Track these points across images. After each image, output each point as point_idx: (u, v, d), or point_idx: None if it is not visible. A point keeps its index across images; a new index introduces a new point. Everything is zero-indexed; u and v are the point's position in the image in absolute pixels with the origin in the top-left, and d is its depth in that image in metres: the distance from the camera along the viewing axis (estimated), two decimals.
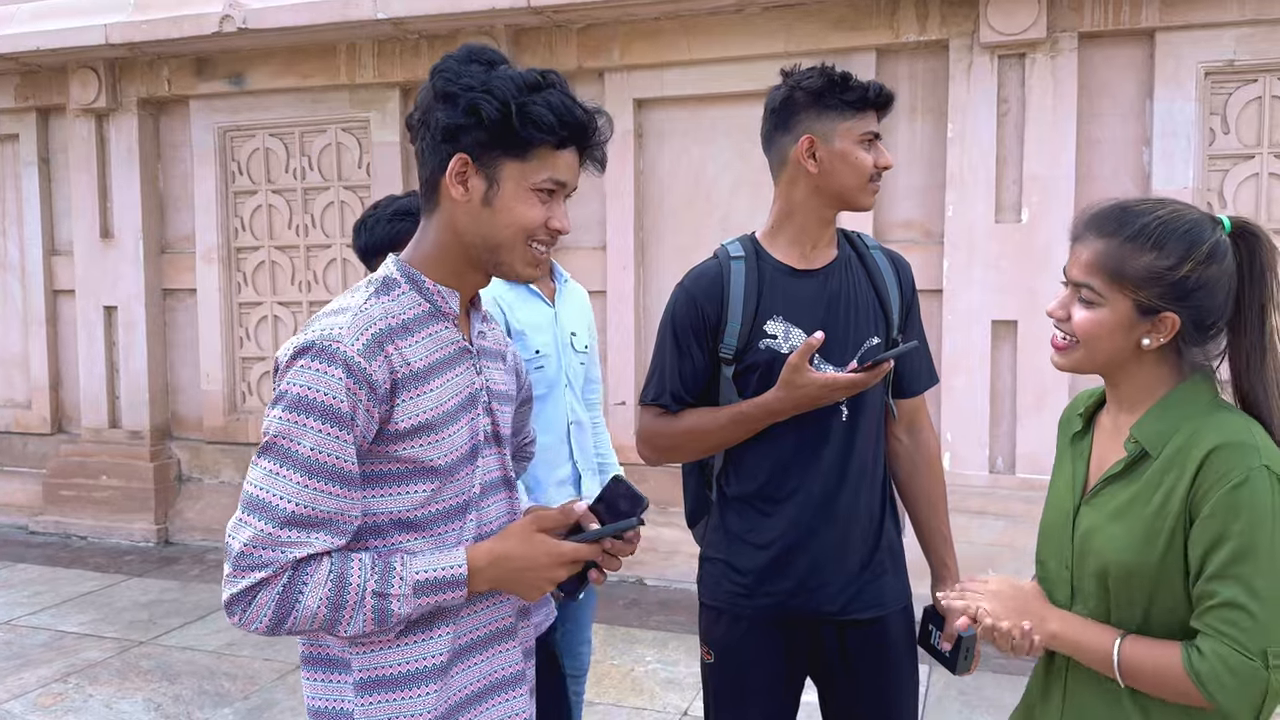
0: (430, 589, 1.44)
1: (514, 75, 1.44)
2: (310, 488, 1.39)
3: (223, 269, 6.55)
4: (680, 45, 5.46)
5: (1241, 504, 1.35)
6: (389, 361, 1.43)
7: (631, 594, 5.35)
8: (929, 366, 2.23)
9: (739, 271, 2.10)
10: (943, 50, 5.10)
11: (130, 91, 6.58)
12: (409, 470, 1.47)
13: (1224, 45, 4.68)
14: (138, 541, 6.59)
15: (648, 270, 5.72)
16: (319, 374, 1.39)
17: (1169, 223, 1.43)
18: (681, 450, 2.18)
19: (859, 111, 2.04)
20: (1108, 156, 4.92)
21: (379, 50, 6.02)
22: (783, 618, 2.09)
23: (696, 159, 5.57)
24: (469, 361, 1.58)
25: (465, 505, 1.54)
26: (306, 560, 1.39)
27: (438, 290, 1.53)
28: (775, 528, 2.08)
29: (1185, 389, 1.48)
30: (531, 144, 1.44)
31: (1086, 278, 1.47)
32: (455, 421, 1.52)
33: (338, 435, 1.39)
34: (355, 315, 1.45)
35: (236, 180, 6.53)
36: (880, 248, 2.21)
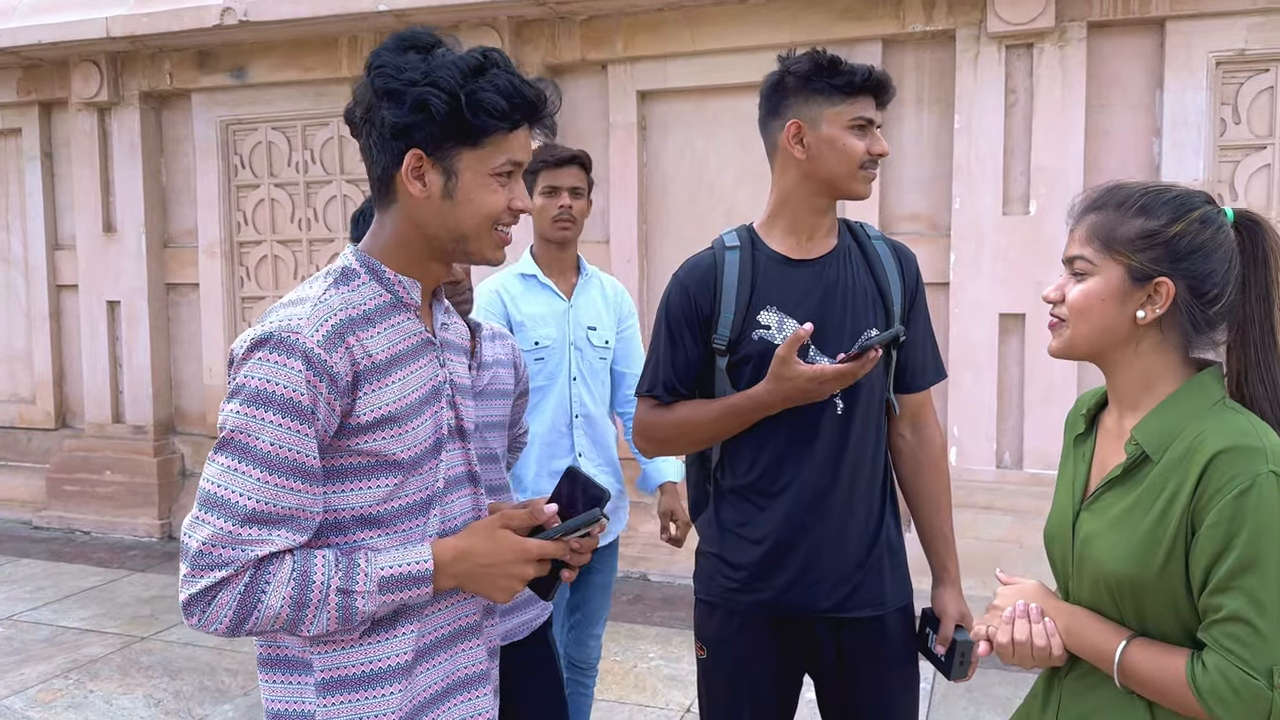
0: (395, 585, 1.40)
1: (455, 61, 1.40)
2: (270, 484, 1.35)
3: (225, 263, 6.53)
4: (684, 36, 5.41)
5: (1247, 512, 1.28)
6: (350, 353, 1.39)
7: (635, 590, 5.32)
8: (935, 361, 2.16)
9: (733, 261, 2.07)
10: (949, 40, 5.04)
11: (132, 85, 6.56)
12: (371, 464, 1.44)
13: (1235, 34, 4.61)
14: (141, 537, 6.58)
15: (651, 264, 5.68)
16: (278, 366, 1.35)
17: (1159, 192, 1.42)
18: (674, 442, 2.17)
19: (848, 96, 1.99)
20: (1116, 147, 4.86)
21: (380, 42, 5.94)
22: (776, 614, 2.06)
23: (700, 151, 5.52)
24: (432, 354, 1.54)
25: (429, 500, 1.50)
26: (268, 559, 1.35)
27: (399, 280, 1.49)
28: (769, 522, 2.05)
29: (1190, 386, 1.41)
30: (485, 131, 1.41)
31: (1079, 249, 1.45)
32: (419, 414, 1.48)
33: (298, 429, 1.35)
34: (315, 305, 1.40)
35: (239, 174, 6.50)
36: (883, 238, 2.15)
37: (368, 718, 1.44)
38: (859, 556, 2.04)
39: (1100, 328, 1.43)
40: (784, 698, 2.12)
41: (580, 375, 3.00)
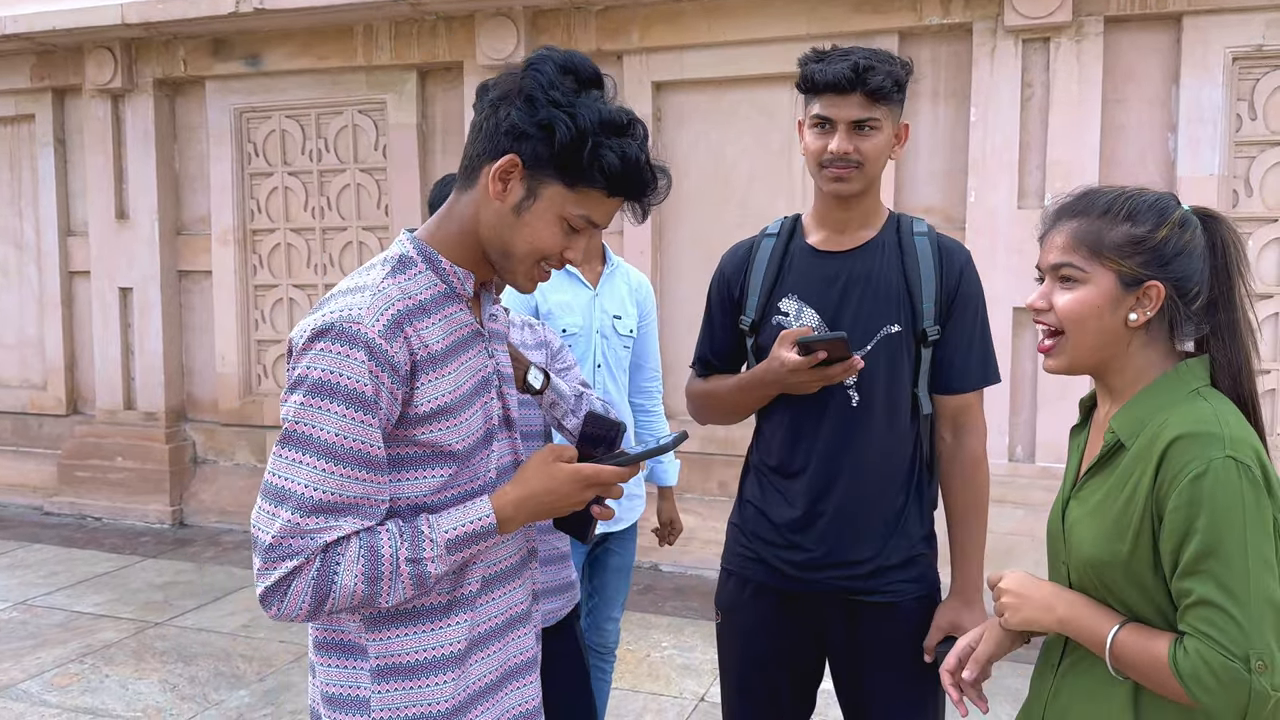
0: (462, 544, 1.43)
1: (602, 109, 1.40)
2: (336, 474, 1.36)
3: (238, 251, 6.54)
4: (700, 27, 5.41)
5: (1203, 496, 1.31)
6: (408, 343, 1.40)
7: (647, 580, 5.34)
8: (983, 364, 2.11)
9: (766, 248, 2.18)
10: (966, 34, 5.04)
11: (146, 72, 6.56)
12: (428, 454, 1.45)
13: (1253, 30, 4.61)
14: (152, 523, 6.60)
15: (665, 256, 5.69)
16: (340, 357, 1.36)
17: (1136, 197, 1.45)
18: (706, 411, 2.30)
19: (810, 94, 2.04)
20: (1132, 142, 4.86)
21: (396, 31, 5.98)
22: (786, 587, 2.11)
23: (715, 143, 5.52)
24: (482, 344, 1.55)
25: (481, 490, 1.52)
26: (335, 542, 1.37)
27: (454, 271, 1.50)
28: (784, 502, 2.12)
29: (1169, 377, 1.45)
30: (586, 181, 1.41)
31: (1066, 256, 1.46)
32: (471, 405, 1.49)
33: (362, 419, 1.36)
34: (374, 295, 1.41)
35: (252, 162, 6.51)
36: (930, 235, 2.13)
37: (420, 705, 1.45)
38: (874, 546, 2.06)
39: (1098, 336, 1.46)
40: (797, 676, 2.16)
41: (605, 363, 3.03)
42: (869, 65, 1.97)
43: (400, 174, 6.10)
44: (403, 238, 1.53)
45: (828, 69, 1.99)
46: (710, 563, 5.45)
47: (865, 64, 1.97)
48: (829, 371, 1.96)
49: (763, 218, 5.34)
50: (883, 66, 1.98)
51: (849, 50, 2.02)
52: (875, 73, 1.97)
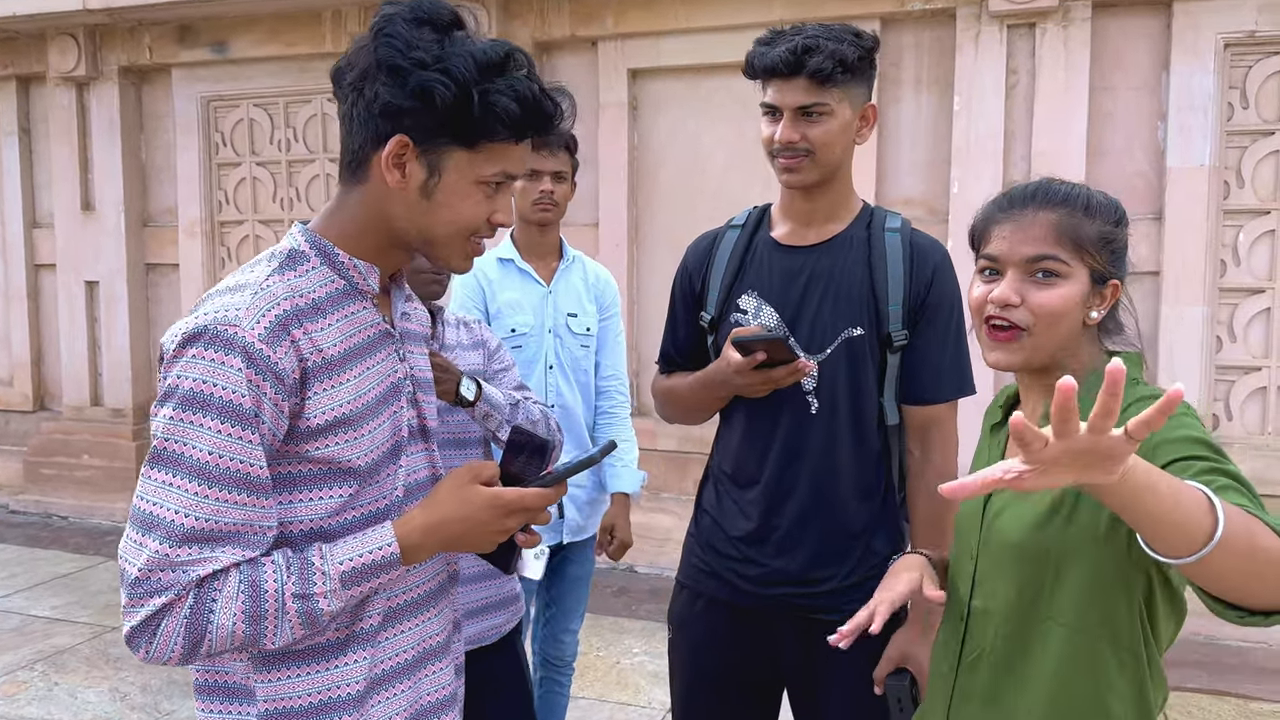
0: (359, 577, 1.26)
1: (474, 51, 1.24)
2: (210, 498, 1.20)
3: (206, 243, 6.38)
4: (677, 13, 5.25)
5: (1165, 433, 1.23)
6: (296, 347, 1.24)
7: (621, 582, 5.19)
8: (955, 374, 1.94)
9: (730, 240, 2.04)
10: (950, 19, 4.88)
11: (111, 60, 6.39)
12: (323, 472, 1.29)
13: (1245, 15, 4.46)
14: (119, 522, 6.45)
15: (641, 248, 5.53)
16: (214, 365, 1.20)
17: (1091, 192, 1.41)
18: (668, 409, 2.18)
19: (757, 79, 1.91)
20: (1120, 131, 4.71)
21: (365, 17, 5.80)
22: (737, 602, 1.99)
23: (692, 132, 5.37)
24: (391, 347, 1.39)
25: (386, 511, 1.35)
26: (211, 576, 1.21)
27: (354, 265, 1.34)
28: (740, 513, 1.99)
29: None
30: (487, 136, 1.26)
31: (1049, 249, 1.35)
32: (376, 415, 1.33)
33: (240, 435, 1.20)
34: (255, 294, 1.25)
35: (220, 152, 6.35)
36: (903, 232, 1.96)
37: None
38: (833, 563, 1.93)
39: (1066, 334, 1.37)
40: (751, 695, 2.03)
41: (558, 364, 2.88)
42: (809, 46, 1.80)
43: None
44: (294, 230, 1.36)
45: (769, 53, 1.84)
46: None
47: (806, 45, 1.80)
48: (773, 375, 1.82)
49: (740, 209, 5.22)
50: (827, 46, 1.81)
51: (799, 29, 1.87)
52: (816, 54, 1.80)
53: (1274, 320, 4.58)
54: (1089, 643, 1.33)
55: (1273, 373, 4.60)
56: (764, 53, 1.86)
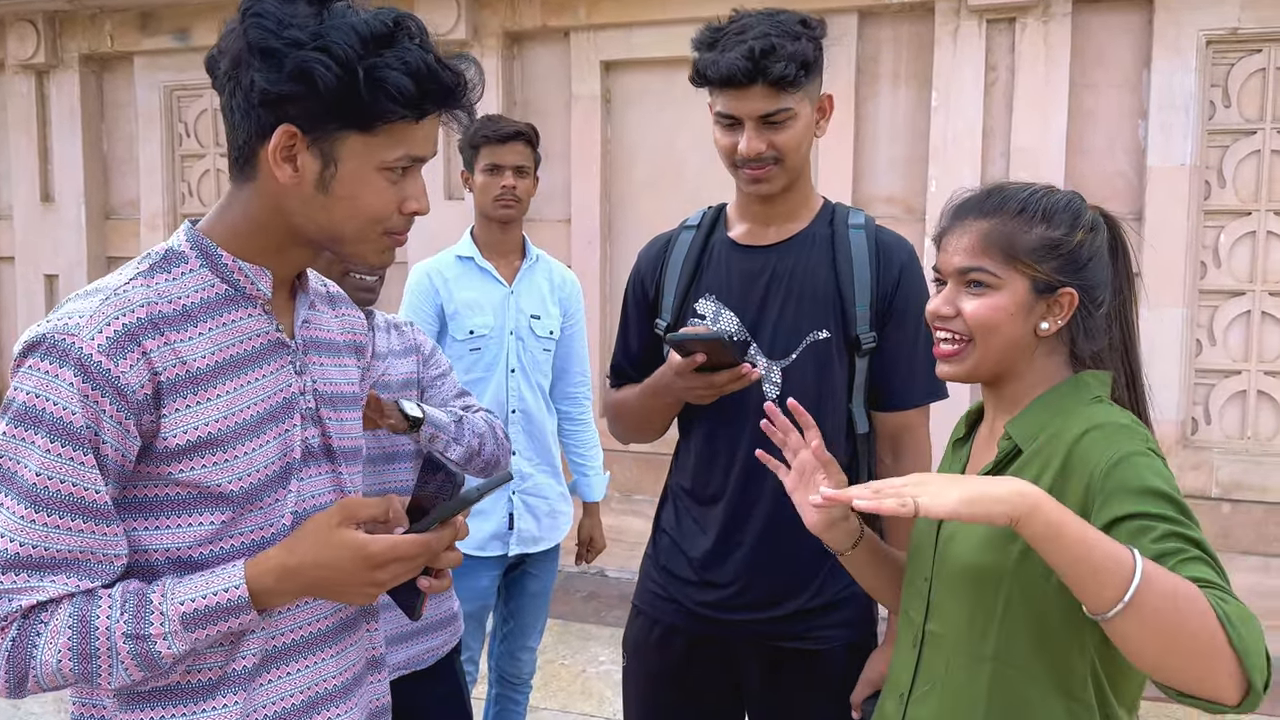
0: (203, 619, 1.13)
1: (356, 24, 1.11)
2: (38, 523, 1.09)
3: (169, 236, 6.19)
4: (652, 4, 5.12)
5: (1123, 471, 1.16)
6: (148, 360, 1.12)
7: (591, 586, 5.08)
8: (925, 376, 1.82)
9: (684, 241, 1.93)
10: (928, 13, 4.78)
11: (71, 47, 6.22)
12: (190, 496, 1.17)
13: (1227, 12, 4.37)
14: None
15: (614, 246, 5.41)
16: (48, 378, 1.09)
17: (1049, 196, 1.35)
18: (618, 425, 2.04)
19: (714, 87, 1.77)
20: (1101, 129, 4.62)
21: None
22: (698, 629, 1.87)
23: (668, 126, 5.25)
24: (285, 358, 1.26)
25: (269, 541, 1.22)
26: (39, 607, 1.10)
27: (239, 268, 1.22)
28: (699, 532, 1.88)
29: (1069, 384, 1.35)
30: (383, 117, 1.13)
31: (976, 260, 1.33)
32: (257, 435, 1.20)
33: (70, 456, 1.09)
34: (105, 300, 1.13)
35: (184, 143, 6.19)
36: (867, 228, 1.86)
37: None
38: (798, 584, 1.82)
39: (1007, 344, 1.33)
40: None
41: (520, 367, 2.78)
42: (767, 49, 1.68)
43: None
44: (180, 229, 1.24)
45: (720, 61, 1.71)
46: None
47: (763, 49, 1.67)
48: (714, 380, 1.70)
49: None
50: (785, 47, 1.69)
51: (745, 26, 1.72)
52: (775, 58, 1.68)
53: (1254, 323, 4.51)
54: (1038, 692, 1.25)
55: (1252, 376, 4.53)
56: (713, 61, 1.73)
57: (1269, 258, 4.46)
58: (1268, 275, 4.46)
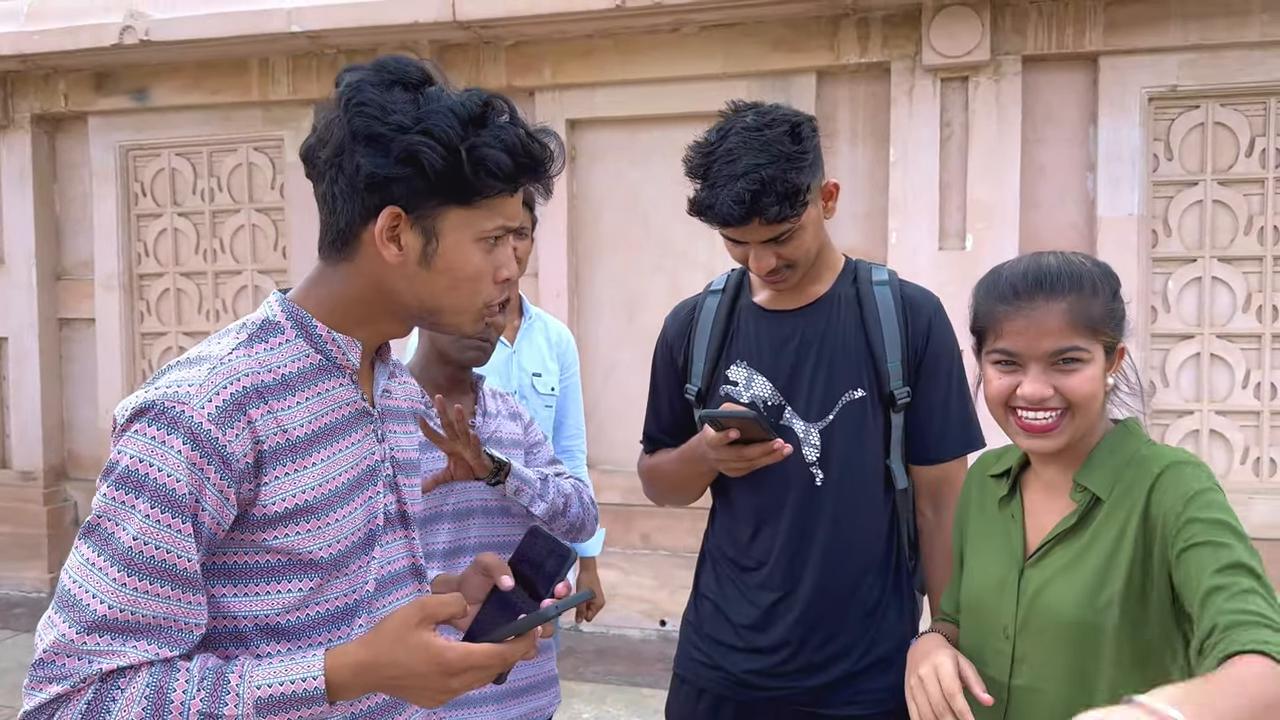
0: (277, 706, 1.13)
1: (453, 106, 1.17)
2: (129, 587, 1.10)
3: (124, 296, 6.11)
4: (614, 64, 5.23)
5: (1205, 504, 1.28)
6: (253, 429, 1.15)
7: (566, 642, 5.05)
8: (963, 429, 1.85)
9: (710, 307, 1.93)
10: (884, 73, 4.95)
11: (23, 107, 6.12)
12: (281, 564, 1.19)
13: (1167, 70, 4.61)
14: (28, 592, 6.08)
15: (581, 299, 5.46)
16: (154, 443, 1.11)
17: (1086, 264, 1.45)
18: (653, 489, 2.05)
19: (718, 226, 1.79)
20: (1053, 182, 4.81)
21: (294, 66, 5.67)
22: (745, 697, 1.85)
23: (633, 182, 5.34)
24: (368, 426, 1.30)
25: (354, 607, 1.24)
26: (118, 672, 1.10)
27: (333, 339, 1.25)
28: (744, 599, 1.86)
29: (1119, 432, 1.45)
30: (483, 193, 1.19)
31: (1069, 341, 1.39)
32: (346, 502, 1.23)
33: (169, 523, 1.11)
34: (213, 369, 1.16)
35: (139, 202, 6.11)
36: (891, 284, 1.88)
37: None
38: (844, 647, 1.82)
39: (1100, 410, 1.44)
40: None
41: None
42: (758, 190, 1.66)
43: (299, 214, 5.77)
44: (271, 299, 1.27)
45: (715, 204, 1.70)
46: (635, 621, 5.20)
47: (753, 192, 1.66)
48: (746, 453, 1.70)
49: (682, 259, 5.20)
50: (777, 185, 1.67)
51: (734, 154, 1.70)
52: (769, 200, 1.67)
53: (1204, 365, 4.69)
54: None
55: (1204, 416, 4.71)
56: (707, 204, 1.72)
57: (1215, 303, 4.66)
58: (1215, 319, 4.66)
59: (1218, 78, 4.56)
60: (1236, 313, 4.65)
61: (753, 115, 1.75)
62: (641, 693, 4.45)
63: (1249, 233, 4.62)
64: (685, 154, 1.79)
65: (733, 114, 1.78)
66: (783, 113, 1.76)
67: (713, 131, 1.77)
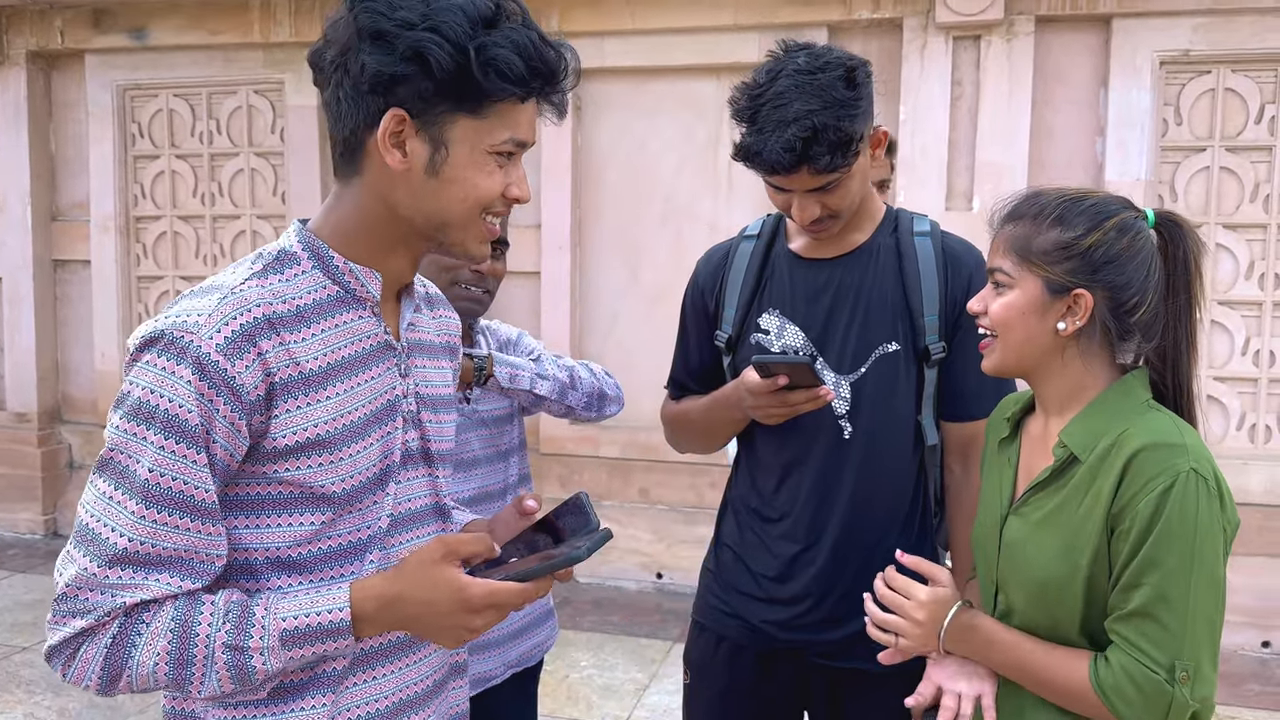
0: (302, 639, 1.13)
1: (463, 5, 1.13)
2: (148, 519, 1.09)
3: (120, 239, 6.05)
4: (623, 13, 5.17)
5: (1164, 510, 1.28)
6: (264, 360, 1.13)
7: (563, 592, 5.08)
8: (995, 384, 1.76)
9: (744, 252, 1.89)
10: (896, 30, 4.91)
11: (18, 44, 6.01)
12: (293, 496, 1.18)
13: (1180, 34, 4.58)
14: (22, 533, 6.08)
15: (584, 252, 5.43)
16: (163, 374, 1.10)
17: (1075, 200, 1.40)
18: (679, 436, 2.04)
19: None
20: (1061, 145, 4.80)
21: (296, 7, 5.58)
22: (765, 646, 1.86)
23: (639, 134, 5.29)
24: (390, 360, 1.27)
25: (365, 543, 1.23)
26: (142, 606, 1.11)
27: (350, 269, 1.22)
28: (766, 550, 1.85)
29: (1116, 389, 1.40)
30: (492, 97, 1.14)
31: (997, 261, 1.44)
32: (362, 437, 1.21)
33: (184, 454, 1.10)
34: (224, 298, 1.14)
35: (137, 143, 6.03)
36: (933, 235, 1.82)
37: None
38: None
39: (1023, 340, 1.41)
40: None
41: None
42: (809, 138, 1.60)
43: (299, 159, 5.71)
44: (290, 229, 1.25)
45: (762, 150, 1.64)
46: (632, 574, 5.23)
47: (804, 141, 1.60)
48: (791, 398, 1.68)
49: (687, 214, 5.18)
50: (829, 133, 1.60)
51: (783, 98, 1.63)
52: (819, 149, 1.61)
53: (1204, 331, 4.70)
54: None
55: (1201, 381, 4.73)
56: (754, 149, 1.65)
57: (1218, 269, 4.67)
58: (1217, 286, 4.67)
59: (1230, 43, 4.53)
60: (1239, 280, 4.67)
61: (805, 57, 1.67)
62: (639, 642, 4.48)
63: (1254, 200, 4.63)
64: (731, 94, 1.73)
65: (784, 54, 1.70)
66: (836, 55, 1.69)
67: (761, 72, 1.69)
